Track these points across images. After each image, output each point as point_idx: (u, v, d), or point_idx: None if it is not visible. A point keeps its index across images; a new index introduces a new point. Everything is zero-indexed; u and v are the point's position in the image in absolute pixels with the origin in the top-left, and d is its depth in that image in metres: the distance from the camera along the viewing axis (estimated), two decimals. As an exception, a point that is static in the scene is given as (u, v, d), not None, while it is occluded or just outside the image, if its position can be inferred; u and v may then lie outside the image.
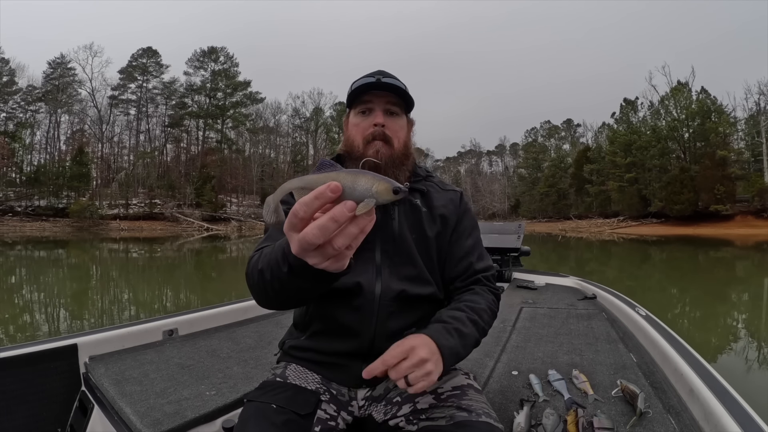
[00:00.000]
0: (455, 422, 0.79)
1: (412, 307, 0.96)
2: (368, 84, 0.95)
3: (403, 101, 0.98)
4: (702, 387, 1.12)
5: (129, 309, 6.31)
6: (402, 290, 0.94)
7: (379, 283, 0.93)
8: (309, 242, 0.50)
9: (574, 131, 62.23)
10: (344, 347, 0.94)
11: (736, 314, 6.22)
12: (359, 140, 0.96)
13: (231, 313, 2.19)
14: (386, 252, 0.96)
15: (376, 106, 0.97)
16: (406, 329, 0.95)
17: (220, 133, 52.07)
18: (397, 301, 0.93)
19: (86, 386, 1.45)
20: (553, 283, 3.35)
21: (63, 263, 13.55)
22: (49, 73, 45.93)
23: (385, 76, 0.97)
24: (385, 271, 0.95)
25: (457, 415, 0.80)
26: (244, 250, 19.35)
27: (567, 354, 1.66)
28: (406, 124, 1.02)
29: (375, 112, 0.97)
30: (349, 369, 0.95)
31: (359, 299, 0.92)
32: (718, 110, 38.60)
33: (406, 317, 0.95)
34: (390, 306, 0.93)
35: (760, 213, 32.61)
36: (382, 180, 0.49)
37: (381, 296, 0.93)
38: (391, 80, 0.96)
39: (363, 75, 1.00)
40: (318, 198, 0.48)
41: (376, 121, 0.95)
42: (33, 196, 41.75)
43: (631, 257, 16.08)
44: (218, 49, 51.59)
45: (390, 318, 0.93)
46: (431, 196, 1.03)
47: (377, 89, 0.95)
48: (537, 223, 49.15)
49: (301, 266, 0.60)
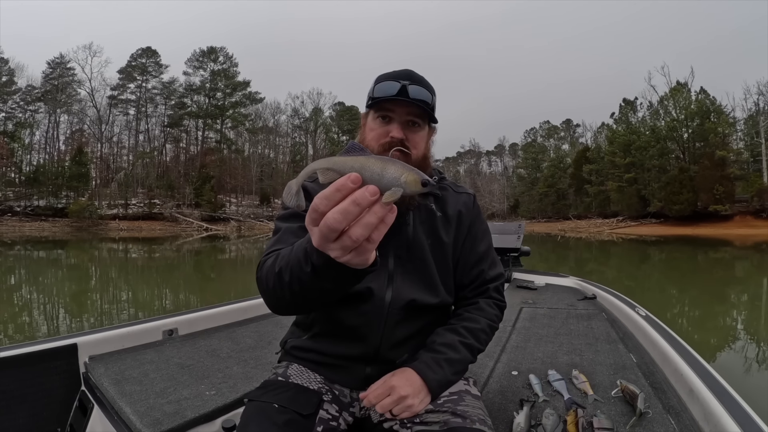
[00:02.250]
0: (449, 428, 0.79)
1: (421, 316, 0.95)
2: (393, 95, 0.89)
3: (425, 113, 0.92)
4: (702, 387, 1.12)
5: (128, 309, 6.30)
6: (412, 299, 0.92)
7: (390, 291, 0.92)
8: (330, 227, 0.47)
9: (573, 131, 62.24)
10: (349, 351, 0.94)
11: (735, 314, 6.22)
12: (375, 146, 0.92)
13: (231, 313, 2.18)
14: (399, 258, 0.93)
15: (396, 117, 0.91)
16: (412, 337, 0.94)
17: (219, 133, 52.04)
18: (406, 309, 0.92)
19: (86, 386, 1.45)
20: (553, 283, 3.35)
21: (62, 263, 13.53)
22: (48, 73, 45.87)
23: (413, 82, 0.90)
24: (397, 278, 0.93)
25: (451, 421, 0.80)
26: (243, 250, 19.34)
27: (567, 354, 1.66)
28: (426, 133, 0.96)
29: (394, 123, 0.91)
30: (353, 371, 0.94)
31: (368, 305, 0.91)
32: (717, 110, 38.64)
33: (413, 325, 0.94)
34: (399, 314, 0.92)
35: (759, 213, 32.65)
36: (411, 171, 0.47)
37: (391, 304, 0.91)
38: (417, 89, 0.89)
39: (390, 73, 0.93)
40: (339, 190, 0.46)
41: (393, 135, 0.90)
42: (32, 196, 41.66)
43: (630, 257, 16.09)
44: (217, 49, 51.56)
45: (397, 326, 0.92)
46: (446, 200, 1.01)
47: (404, 101, 0.89)
48: (536, 223, 49.18)
49: (325, 263, 0.57)
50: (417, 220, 0.95)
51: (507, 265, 3.53)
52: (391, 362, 0.94)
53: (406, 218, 0.94)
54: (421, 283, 0.94)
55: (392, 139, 0.90)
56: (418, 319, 0.94)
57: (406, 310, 0.92)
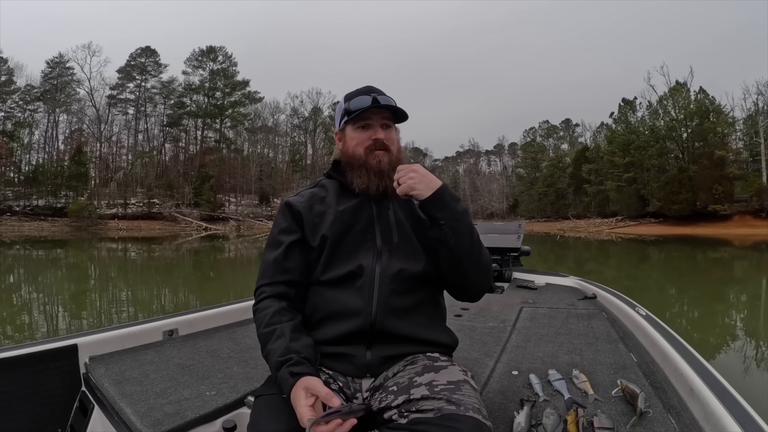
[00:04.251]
0: (442, 415, 0.80)
1: (412, 287, 1.02)
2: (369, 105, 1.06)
3: (394, 115, 1.10)
4: (702, 387, 1.12)
5: (128, 309, 6.30)
6: (401, 269, 1.01)
7: (379, 264, 1.02)
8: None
9: (572, 131, 62.29)
10: (348, 328, 0.98)
11: (734, 314, 6.24)
12: (361, 150, 1.07)
13: (231, 313, 2.18)
14: (386, 238, 1.05)
15: (374, 123, 1.08)
16: (408, 308, 1.01)
17: (218, 132, 51.97)
18: (398, 279, 1.00)
19: (86, 386, 1.45)
20: (553, 282, 3.35)
21: (61, 263, 13.53)
22: (47, 73, 45.80)
23: (379, 94, 1.07)
24: (385, 253, 1.03)
25: (445, 408, 0.81)
26: (242, 250, 19.34)
27: (567, 354, 1.66)
28: (397, 133, 1.14)
29: (374, 127, 1.08)
30: (354, 358, 0.98)
31: (360, 280, 1.00)
32: (716, 110, 38.64)
33: (406, 296, 1.01)
34: (390, 283, 1.00)
35: (758, 213, 32.67)
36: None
37: (381, 274, 1.00)
38: (384, 97, 1.07)
39: (356, 91, 1.10)
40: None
41: (376, 137, 1.06)
42: (31, 195, 41.60)
43: (629, 257, 16.12)
44: (217, 49, 51.47)
45: (390, 295, 0.99)
46: None
47: (377, 108, 1.06)
48: (535, 223, 49.16)
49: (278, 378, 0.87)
50: (396, 205, 1.09)
51: (507, 264, 3.53)
52: (390, 338, 0.98)
53: (386, 204, 1.08)
54: (407, 255, 1.04)
55: (376, 140, 1.06)
56: (410, 290, 1.02)
57: (395, 279, 1.00)
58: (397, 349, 0.99)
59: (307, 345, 0.93)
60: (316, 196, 1.11)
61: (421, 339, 1.01)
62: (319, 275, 1.04)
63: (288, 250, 1.05)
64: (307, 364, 0.88)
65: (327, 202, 1.09)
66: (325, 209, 1.08)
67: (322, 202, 1.10)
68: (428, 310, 1.06)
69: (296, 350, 0.89)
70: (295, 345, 0.91)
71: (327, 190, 1.13)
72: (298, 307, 1.04)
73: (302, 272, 1.05)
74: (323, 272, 1.03)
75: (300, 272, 1.05)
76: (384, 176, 1.05)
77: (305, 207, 1.08)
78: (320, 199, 1.11)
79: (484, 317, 2.34)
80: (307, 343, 0.94)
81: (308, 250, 1.06)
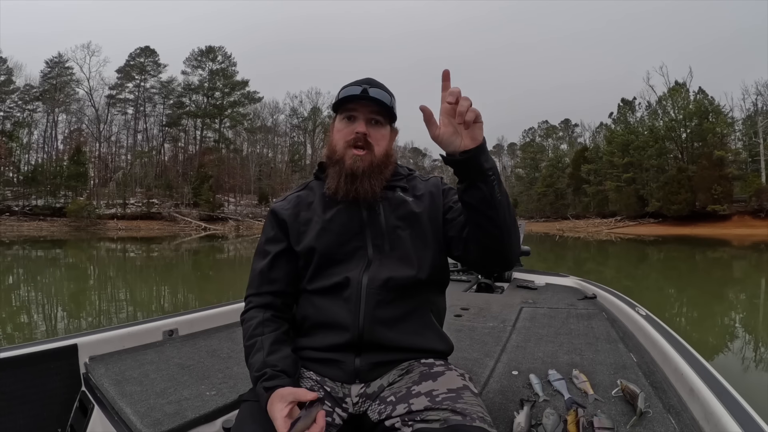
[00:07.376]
0: (449, 425, 0.78)
1: (401, 296, 0.97)
2: (353, 95, 0.99)
3: (386, 112, 1.01)
4: (702, 387, 1.12)
5: (127, 309, 6.30)
6: (388, 278, 0.96)
7: (366, 275, 0.97)
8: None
9: (571, 131, 62.32)
10: (335, 340, 0.96)
11: (733, 314, 6.25)
12: (341, 144, 1.00)
13: (231, 313, 2.18)
14: (377, 246, 1.00)
15: (360, 115, 1.00)
16: (397, 318, 0.97)
17: (217, 132, 51.92)
18: (385, 289, 0.96)
19: (86, 386, 1.45)
20: (553, 283, 3.35)
21: (60, 263, 13.51)
22: (46, 72, 45.68)
23: (373, 86, 1.00)
24: (375, 263, 0.98)
25: (451, 419, 0.79)
26: (242, 250, 19.32)
27: (567, 354, 1.66)
28: (388, 133, 1.05)
29: (358, 120, 1.00)
30: (343, 364, 0.96)
31: (347, 291, 0.96)
32: (715, 110, 38.70)
33: (394, 305, 0.97)
34: (377, 294, 0.95)
35: (757, 213, 32.73)
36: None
37: (368, 285, 0.96)
38: (377, 91, 0.99)
39: (352, 82, 1.03)
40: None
41: (358, 130, 0.98)
42: (30, 195, 41.50)
43: (628, 257, 16.14)
44: (216, 49, 51.40)
45: (377, 307, 0.95)
46: (415, 186, 1.08)
47: (362, 100, 0.98)
48: (535, 223, 49.19)
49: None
50: (387, 209, 1.02)
51: None
52: (378, 348, 0.96)
53: (376, 209, 1.01)
54: (397, 261, 0.99)
55: (356, 134, 0.98)
56: (399, 298, 0.97)
57: (382, 289, 0.96)
58: (387, 356, 0.97)
59: (285, 356, 0.92)
60: (303, 201, 1.07)
61: (413, 347, 0.98)
62: (307, 285, 1.02)
63: (274, 260, 1.03)
64: (282, 376, 0.87)
65: (313, 208, 1.05)
66: (311, 216, 1.03)
67: (308, 208, 1.05)
68: (421, 315, 1.01)
69: (272, 364, 0.89)
70: (271, 359, 0.90)
71: (315, 193, 1.07)
72: (285, 315, 1.03)
73: (289, 282, 1.04)
74: (310, 282, 1.01)
75: (287, 282, 1.03)
76: (357, 180, 0.97)
77: (290, 214, 1.04)
78: (307, 204, 1.06)
79: (484, 317, 2.34)
80: (285, 354, 0.92)
81: (295, 258, 1.03)
